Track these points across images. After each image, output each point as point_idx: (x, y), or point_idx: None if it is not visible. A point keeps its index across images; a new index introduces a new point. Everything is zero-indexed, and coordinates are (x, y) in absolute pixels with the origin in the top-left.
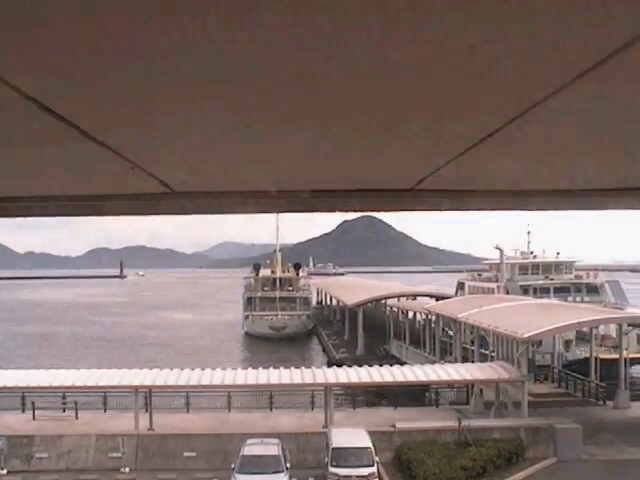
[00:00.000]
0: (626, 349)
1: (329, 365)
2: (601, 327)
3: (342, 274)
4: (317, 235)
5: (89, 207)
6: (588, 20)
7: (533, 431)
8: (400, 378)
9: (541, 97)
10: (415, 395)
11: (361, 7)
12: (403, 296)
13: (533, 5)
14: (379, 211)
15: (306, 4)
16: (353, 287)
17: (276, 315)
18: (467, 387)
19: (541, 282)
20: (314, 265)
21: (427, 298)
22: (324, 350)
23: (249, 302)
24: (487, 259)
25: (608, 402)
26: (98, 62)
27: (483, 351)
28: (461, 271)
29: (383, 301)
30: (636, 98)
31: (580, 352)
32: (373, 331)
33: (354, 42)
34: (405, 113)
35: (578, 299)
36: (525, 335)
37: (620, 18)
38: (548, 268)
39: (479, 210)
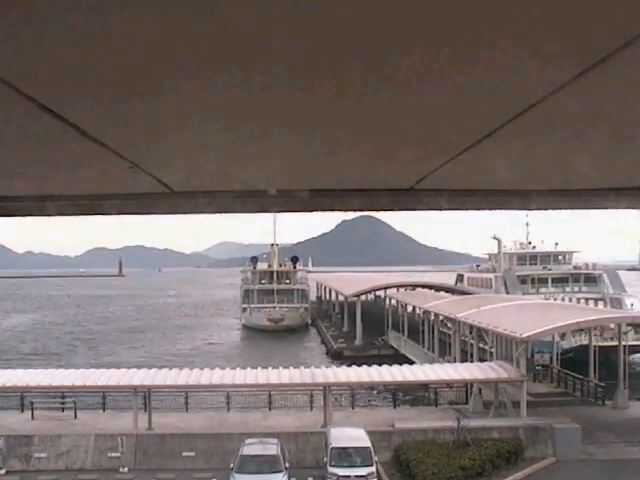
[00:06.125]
0: (625, 333)
1: (328, 354)
2: None
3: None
4: (316, 235)
5: (88, 207)
6: (587, 20)
7: (532, 431)
8: (399, 378)
9: (540, 97)
10: (414, 395)
11: (360, 9)
12: (402, 287)
13: (532, 4)
14: (378, 211)
15: (305, 5)
16: (352, 280)
17: (274, 307)
18: (466, 387)
19: (539, 272)
20: (313, 265)
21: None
22: (323, 341)
23: (247, 295)
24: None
25: (607, 402)
26: (98, 62)
27: (482, 346)
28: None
29: (382, 295)
30: (636, 97)
31: (575, 341)
32: (372, 323)
33: (353, 42)
34: (404, 112)
35: (576, 289)
36: (524, 335)
37: (620, 18)
38: (546, 258)
39: (478, 209)
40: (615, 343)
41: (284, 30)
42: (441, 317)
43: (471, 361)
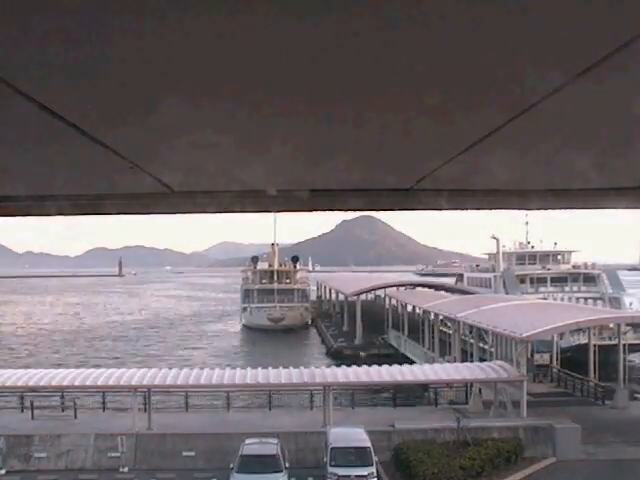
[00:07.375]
0: (624, 333)
1: (327, 353)
2: None
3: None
4: (316, 235)
5: (88, 207)
6: (587, 20)
7: (532, 431)
8: (399, 378)
9: (540, 97)
10: (414, 395)
11: (360, 10)
12: (402, 286)
13: (531, 5)
14: (378, 210)
15: (306, 6)
16: (352, 280)
17: (274, 307)
18: (466, 387)
19: (538, 272)
20: (313, 265)
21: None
22: (323, 341)
23: (247, 295)
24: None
25: (607, 401)
26: (98, 62)
27: (482, 346)
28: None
29: (382, 294)
30: (635, 97)
31: (573, 340)
32: (372, 323)
33: (353, 43)
34: (404, 112)
35: (575, 289)
36: (524, 335)
37: (620, 18)
38: (545, 258)
39: (478, 209)
40: (614, 342)
41: (284, 33)
42: (441, 317)
43: (471, 361)
